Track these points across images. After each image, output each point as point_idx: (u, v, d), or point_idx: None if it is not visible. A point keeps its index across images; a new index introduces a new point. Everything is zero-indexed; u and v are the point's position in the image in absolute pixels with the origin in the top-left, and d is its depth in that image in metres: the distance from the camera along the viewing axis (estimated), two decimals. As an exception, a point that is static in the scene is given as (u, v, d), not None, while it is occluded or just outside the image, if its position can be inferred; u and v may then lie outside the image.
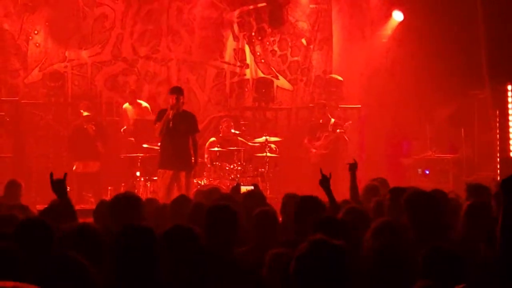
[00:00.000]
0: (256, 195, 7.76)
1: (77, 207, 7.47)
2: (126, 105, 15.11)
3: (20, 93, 15.22)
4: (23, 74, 15.31)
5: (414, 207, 5.96)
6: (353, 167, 8.05)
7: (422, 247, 4.71)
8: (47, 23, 15.33)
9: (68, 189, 5.98)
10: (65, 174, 5.91)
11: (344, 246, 3.71)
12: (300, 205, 6.12)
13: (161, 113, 11.95)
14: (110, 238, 4.44)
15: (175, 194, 10.54)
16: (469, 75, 15.05)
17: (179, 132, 11.67)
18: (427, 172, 15.25)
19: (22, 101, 15.13)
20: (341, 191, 9.43)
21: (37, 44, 15.37)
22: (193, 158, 11.88)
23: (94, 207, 7.36)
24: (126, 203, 6.09)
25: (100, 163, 14.34)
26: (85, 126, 14.20)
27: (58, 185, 5.83)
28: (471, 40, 14.95)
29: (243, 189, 9.36)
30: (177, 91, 11.91)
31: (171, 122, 11.60)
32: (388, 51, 16.42)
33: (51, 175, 5.86)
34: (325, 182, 6.99)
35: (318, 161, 13.59)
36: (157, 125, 11.88)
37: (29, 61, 15.34)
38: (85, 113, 14.32)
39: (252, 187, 10.03)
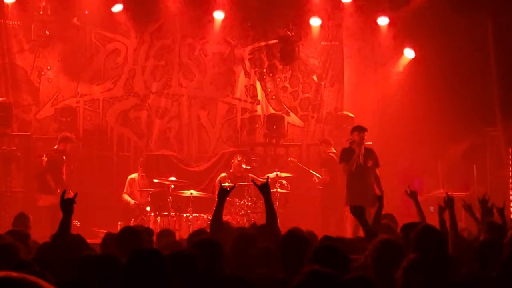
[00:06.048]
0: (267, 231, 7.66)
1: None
2: (134, 175, 14.75)
3: (32, 128, 15.27)
4: (35, 109, 15.38)
5: (423, 243, 5.86)
6: (412, 195, 8.45)
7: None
8: (59, 59, 15.44)
9: (77, 224, 6.08)
10: (75, 194, 6.09)
11: (336, 276, 3.73)
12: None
13: (346, 153, 12.15)
14: (119, 264, 4.48)
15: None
16: (481, 112, 15.00)
17: (367, 168, 12.02)
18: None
19: (34, 136, 15.15)
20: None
21: (50, 80, 15.47)
22: (378, 192, 11.94)
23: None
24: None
25: (53, 198, 13.08)
26: (42, 158, 13.91)
27: (67, 203, 6.00)
28: (483, 77, 14.93)
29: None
30: (361, 128, 12.14)
31: (361, 159, 11.87)
32: (399, 88, 16.39)
33: (64, 192, 6.11)
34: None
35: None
36: (343, 165, 12.10)
37: (41, 96, 15.43)
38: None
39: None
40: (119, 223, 13.47)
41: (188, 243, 6.46)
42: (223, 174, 14.23)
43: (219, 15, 15.90)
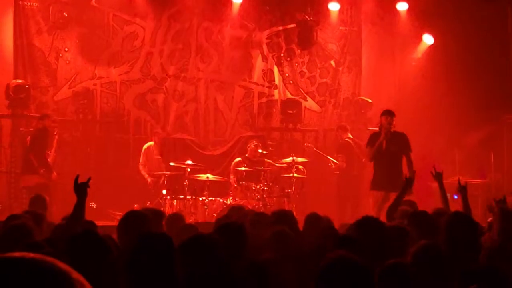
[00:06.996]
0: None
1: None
2: (150, 143, 14.78)
3: (49, 109, 15.23)
4: (53, 91, 15.37)
5: (454, 228, 5.77)
6: (438, 177, 8.38)
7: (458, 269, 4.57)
8: (77, 41, 15.42)
9: (93, 206, 6.06)
10: (89, 178, 6.12)
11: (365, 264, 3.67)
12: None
13: (373, 137, 11.99)
14: (127, 248, 4.41)
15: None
16: (499, 99, 14.91)
17: (392, 153, 11.71)
18: (456, 197, 15.05)
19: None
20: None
21: (67, 61, 15.45)
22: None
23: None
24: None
25: (36, 177, 13.24)
26: (27, 138, 13.82)
27: (81, 187, 6.03)
28: (502, 64, 14.83)
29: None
30: (389, 113, 11.90)
31: (384, 145, 11.67)
32: (418, 74, 16.31)
33: (77, 177, 6.09)
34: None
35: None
36: (368, 149, 11.96)
37: (58, 78, 15.41)
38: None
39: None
40: (135, 205, 13.48)
41: (215, 227, 6.43)
42: (238, 159, 14.21)
43: (237, -1, 15.88)
